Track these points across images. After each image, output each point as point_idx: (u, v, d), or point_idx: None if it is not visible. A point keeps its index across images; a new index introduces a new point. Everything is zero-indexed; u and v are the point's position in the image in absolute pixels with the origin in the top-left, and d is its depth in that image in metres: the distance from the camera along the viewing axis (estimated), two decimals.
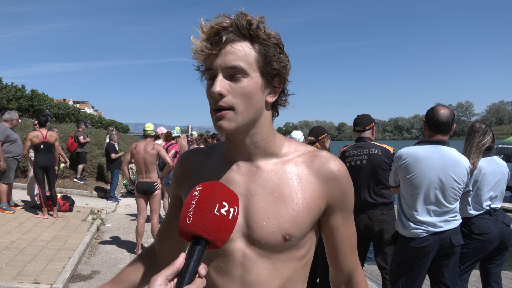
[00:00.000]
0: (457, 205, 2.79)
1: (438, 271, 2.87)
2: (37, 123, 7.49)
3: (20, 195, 8.67)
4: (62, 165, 9.90)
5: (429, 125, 2.86)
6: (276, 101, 1.01)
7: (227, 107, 0.91)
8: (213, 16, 0.93)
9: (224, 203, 0.78)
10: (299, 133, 4.56)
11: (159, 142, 7.36)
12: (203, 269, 0.76)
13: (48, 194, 7.14)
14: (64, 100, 34.30)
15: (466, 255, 3.03)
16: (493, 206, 3.07)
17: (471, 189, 3.06)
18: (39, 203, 7.26)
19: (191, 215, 0.77)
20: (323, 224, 1.04)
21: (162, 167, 6.64)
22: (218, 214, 0.76)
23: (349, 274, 1.10)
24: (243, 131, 0.96)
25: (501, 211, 3.13)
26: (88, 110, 59.35)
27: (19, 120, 9.16)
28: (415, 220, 2.76)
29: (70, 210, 7.81)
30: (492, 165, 3.09)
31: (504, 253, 3.17)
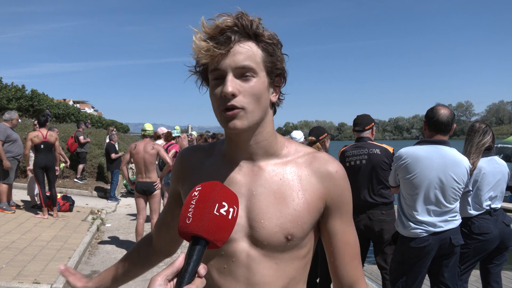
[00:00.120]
0: (457, 205, 2.79)
1: (438, 271, 2.87)
2: (37, 123, 7.50)
3: (20, 195, 8.67)
4: (62, 165, 9.90)
5: (429, 125, 2.86)
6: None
7: (239, 107, 0.90)
8: (213, 16, 0.92)
9: (224, 203, 0.78)
10: (299, 133, 4.56)
11: (160, 142, 7.37)
12: (202, 269, 0.76)
13: (48, 194, 7.14)
14: (64, 100, 34.26)
15: (466, 255, 3.03)
16: (493, 206, 3.07)
17: (471, 189, 3.05)
18: (39, 203, 7.26)
19: (190, 215, 0.77)
20: (322, 228, 1.04)
21: (162, 167, 6.64)
22: (218, 214, 0.76)
23: (350, 285, 1.05)
24: (250, 130, 0.96)
25: (501, 211, 3.13)
26: (88, 110, 59.31)
27: (19, 120, 9.16)
28: (415, 220, 2.76)
29: (70, 210, 7.81)
30: (492, 165, 3.09)
31: (504, 253, 3.17)
